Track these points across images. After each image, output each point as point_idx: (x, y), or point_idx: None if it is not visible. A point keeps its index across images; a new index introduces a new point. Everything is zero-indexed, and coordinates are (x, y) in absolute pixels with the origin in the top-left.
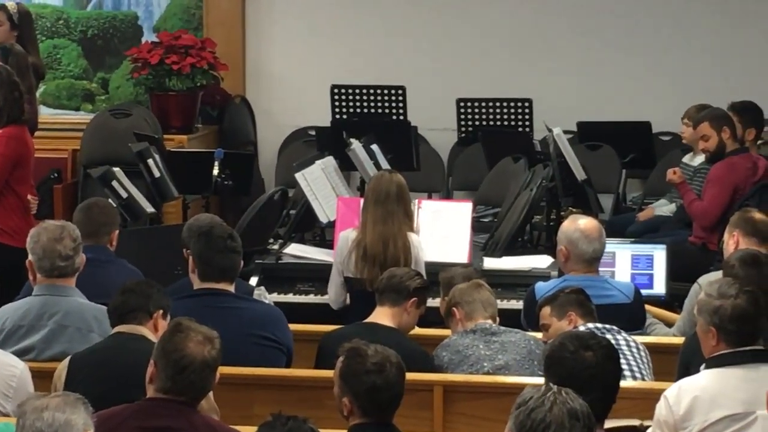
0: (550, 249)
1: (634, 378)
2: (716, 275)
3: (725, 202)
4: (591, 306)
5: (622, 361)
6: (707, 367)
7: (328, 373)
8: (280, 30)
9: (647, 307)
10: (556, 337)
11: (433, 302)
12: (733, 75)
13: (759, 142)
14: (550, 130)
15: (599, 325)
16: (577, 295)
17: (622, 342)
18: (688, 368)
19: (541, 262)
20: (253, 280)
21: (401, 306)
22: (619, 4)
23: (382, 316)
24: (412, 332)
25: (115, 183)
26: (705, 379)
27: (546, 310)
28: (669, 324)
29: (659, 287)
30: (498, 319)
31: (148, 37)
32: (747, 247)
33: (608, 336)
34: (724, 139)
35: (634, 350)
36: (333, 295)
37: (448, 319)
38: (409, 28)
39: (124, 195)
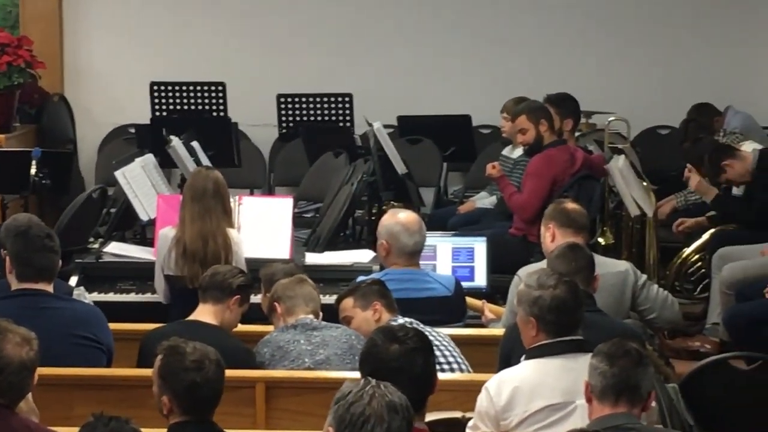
0: (372, 243)
1: (452, 370)
2: (536, 266)
3: (544, 195)
4: (392, 297)
5: (441, 354)
6: (527, 358)
7: (149, 372)
8: (98, 27)
9: (469, 299)
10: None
11: (255, 299)
12: (550, 67)
13: (576, 133)
14: (370, 125)
15: (407, 320)
16: (378, 286)
17: (435, 334)
18: (508, 359)
19: (362, 256)
20: (73, 280)
21: (224, 303)
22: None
23: (204, 313)
24: (235, 329)
25: None
26: (525, 370)
27: (348, 302)
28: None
29: (480, 279)
30: (321, 314)
31: None
32: (564, 239)
33: (421, 328)
34: (541, 132)
35: (446, 342)
36: (160, 291)
37: (270, 314)
38: (227, 24)
39: None
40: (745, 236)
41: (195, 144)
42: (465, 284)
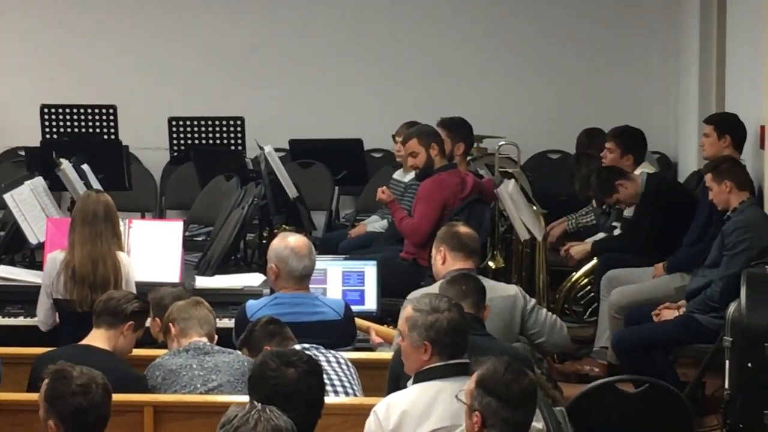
0: (263, 267)
1: (344, 394)
2: (426, 290)
3: (435, 218)
4: (285, 331)
5: (327, 378)
6: (415, 381)
7: (37, 396)
8: None
9: (359, 321)
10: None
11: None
12: (442, 92)
13: (469, 157)
14: (261, 148)
15: (306, 345)
16: (267, 325)
17: (332, 358)
18: (398, 382)
19: (253, 280)
20: None
21: (117, 329)
22: (328, 23)
23: (97, 338)
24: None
25: None
26: (414, 393)
27: (244, 352)
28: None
29: (370, 303)
30: (216, 337)
31: None
32: (454, 262)
33: (317, 353)
34: (432, 156)
35: (344, 366)
36: (42, 316)
37: (166, 335)
38: (118, 47)
39: None
40: (632, 260)
41: (85, 167)
42: (355, 308)
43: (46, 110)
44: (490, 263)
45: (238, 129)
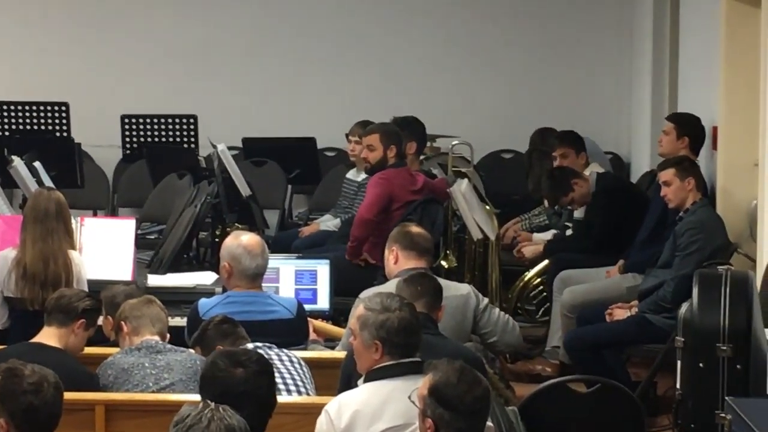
0: (216, 265)
1: (297, 393)
2: (377, 289)
3: (376, 208)
4: (238, 331)
5: (279, 376)
6: (367, 380)
7: None
8: None
9: (315, 322)
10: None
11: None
12: (396, 91)
13: (422, 157)
14: (214, 147)
15: (258, 344)
16: (220, 325)
17: (284, 357)
18: (350, 381)
19: (205, 278)
20: None
21: (68, 327)
22: (280, 22)
23: (48, 336)
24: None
25: None
26: (365, 393)
27: (197, 350)
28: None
29: (323, 302)
30: (168, 335)
31: None
32: (407, 262)
33: (270, 352)
34: (388, 156)
35: (296, 365)
36: None
37: (118, 334)
38: (71, 44)
39: None
40: (584, 260)
41: (37, 164)
42: (308, 307)
43: None
44: (443, 263)
45: (191, 127)
